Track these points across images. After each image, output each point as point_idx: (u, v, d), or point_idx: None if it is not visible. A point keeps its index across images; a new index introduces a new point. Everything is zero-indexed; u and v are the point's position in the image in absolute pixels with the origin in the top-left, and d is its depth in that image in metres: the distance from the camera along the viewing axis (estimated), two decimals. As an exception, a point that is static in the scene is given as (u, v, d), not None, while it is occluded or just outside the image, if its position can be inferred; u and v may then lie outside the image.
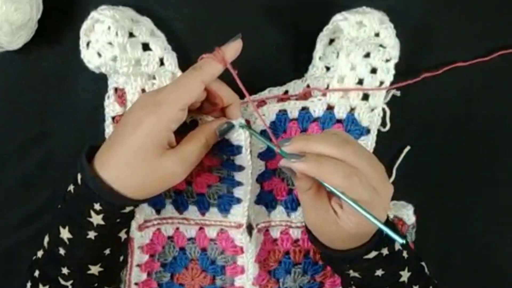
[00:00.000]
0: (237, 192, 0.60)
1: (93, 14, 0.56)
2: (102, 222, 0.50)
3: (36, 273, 0.54)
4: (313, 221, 0.52)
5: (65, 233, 0.51)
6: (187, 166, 0.51)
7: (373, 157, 0.49)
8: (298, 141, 0.49)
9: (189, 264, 0.63)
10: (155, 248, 0.62)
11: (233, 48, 0.52)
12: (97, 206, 0.50)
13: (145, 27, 0.58)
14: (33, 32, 0.59)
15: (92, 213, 0.50)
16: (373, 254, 0.51)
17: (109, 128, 0.60)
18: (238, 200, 0.60)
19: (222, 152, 0.58)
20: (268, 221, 0.62)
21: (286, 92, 0.61)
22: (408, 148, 0.65)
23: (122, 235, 0.55)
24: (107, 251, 0.53)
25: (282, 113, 0.60)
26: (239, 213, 0.60)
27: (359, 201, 0.47)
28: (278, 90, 0.61)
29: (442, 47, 0.63)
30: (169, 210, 0.61)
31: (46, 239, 0.53)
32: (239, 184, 0.59)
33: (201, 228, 0.62)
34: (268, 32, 0.62)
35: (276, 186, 0.62)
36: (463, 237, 0.67)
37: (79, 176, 0.50)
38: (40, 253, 0.54)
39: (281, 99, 0.61)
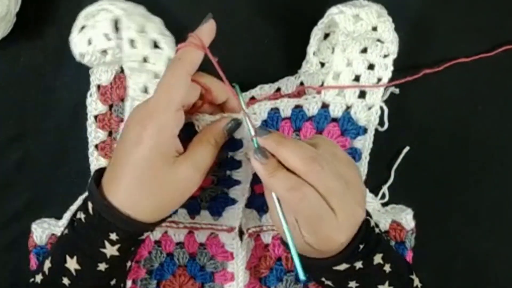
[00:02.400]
0: (233, 192, 0.59)
1: (103, 3, 0.55)
2: (116, 253, 0.49)
3: None
4: (275, 221, 0.51)
5: (72, 264, 0.49)
6: (202, 171, 0.50)
7: (350, 179, 0.48)
8: (272, 139, 0.48)
9: (177, 271, 0.62)
10: (141, 253, 0.60)
11: (207, 30, 0.50)
12: (113, 236, 0.48)
13: (157, 26, 0.56)
14: (11, 25, 0.58)
15: (107, 244, 0.48)
16: (343, 266, 0.49)
17: (91, 127, 0.59)
18: (233, 201, 0.59)
19: (224, 150, 0.56)
20: (260, 226, 0.61)
21: (278, 89, 0.60)
22: (407, 148, 0.64)
23: (129, 262, 0.53)
24: (113, 282, 0.52)
25: (274, 111, 0.59)
26: (232, 216, 0.59)
27: (300, 216, 0.46)
28: (269, 88, 0.60)
29: (443, 41, 0.63)
30: None
31: (48, 264, 0.51)
32: (236, 183, 0.58)
33: (190, 232, 0.61)
34: (259, 25, 0.61)
35: (268, 189, 0.61)
36: (464, 242, 0.66)
37: (89, 205, 0.48)
38: (39, 278, 0.51)
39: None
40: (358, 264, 0.50)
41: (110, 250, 0.48)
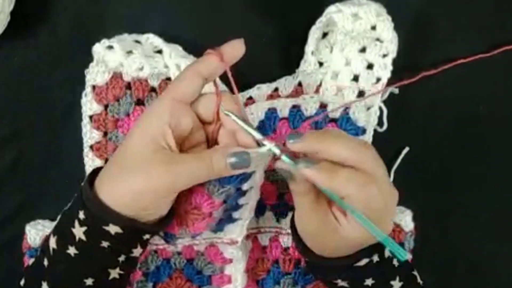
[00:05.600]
0: (236, 214, 0.54)
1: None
2: (83, 237, 0.46)
3: (22, 282, 0.51)
4: (309, 227, 0.49)
5: (52, 243, 0.48)
6: (175, 180, 0.45)
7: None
8: (312, 138, 0.46)
9: (173, 274, 0.61)
10: (136, 256, 0.59)
11: (232, 48, 0.48)
12: (81, 215, 0.47)
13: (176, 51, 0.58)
14: (5, 25, 0.57)
15: (76, 223, 0.47)
16: (364, 261, 0.49)
17: (86, 127, 0.58)
18: (235, 220, 0.55)
19: (230, 183, 0.50)
20: (257, 228, 0.61)
21: (276, 89, 0.60)
22: (406, 149, 0.63)
23: (113, 273, 0.48)
24: (89, 282, 0.47)
25: (272, 111, 0.59)
26: (234, 232, 0.56)
27: (372, 213, 0.45)
28: (267, 87, 0.60)
29: (443, 41, 0.62)
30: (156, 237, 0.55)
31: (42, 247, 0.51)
32: (240, 207, 0.53)
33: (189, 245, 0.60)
34: (256, 24, 0.61)
35: (266, 190, 0.60)
36: (465, 244, 0.65)
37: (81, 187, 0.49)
38: (31, 261, 0.52)
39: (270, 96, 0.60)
40: (375, 258, 0.49)
41: (78, 231, 0.46)
